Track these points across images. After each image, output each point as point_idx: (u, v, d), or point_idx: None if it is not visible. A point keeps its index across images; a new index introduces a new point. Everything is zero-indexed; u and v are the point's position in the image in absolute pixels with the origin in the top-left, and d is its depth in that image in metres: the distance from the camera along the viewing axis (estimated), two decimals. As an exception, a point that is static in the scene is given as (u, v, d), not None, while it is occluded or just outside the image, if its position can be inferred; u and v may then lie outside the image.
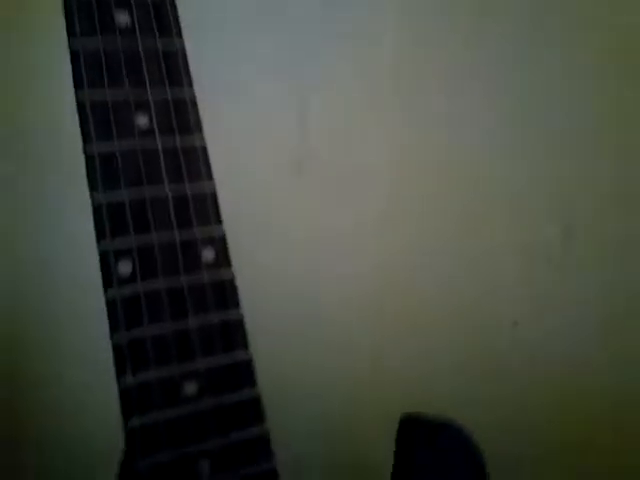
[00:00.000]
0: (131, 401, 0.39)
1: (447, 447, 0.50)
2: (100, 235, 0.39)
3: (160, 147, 0.40)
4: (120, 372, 0.39)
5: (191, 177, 0.41)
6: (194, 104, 0.42)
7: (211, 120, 0.43)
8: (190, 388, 0.41)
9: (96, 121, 0.39)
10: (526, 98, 0.75)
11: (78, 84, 0.39)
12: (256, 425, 0.42)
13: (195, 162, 0.41)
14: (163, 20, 0.42)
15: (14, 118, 0.65)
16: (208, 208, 0.41)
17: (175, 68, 0.42)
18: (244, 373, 0.42)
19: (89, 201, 0.39)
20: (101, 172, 0.39)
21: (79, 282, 0.62)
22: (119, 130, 0.40)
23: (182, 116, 0.41)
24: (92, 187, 0.40)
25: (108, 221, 0.39)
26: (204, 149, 0.41)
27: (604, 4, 0.75)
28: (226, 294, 0.42)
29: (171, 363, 0.40)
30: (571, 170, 0.76)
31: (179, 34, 0.42)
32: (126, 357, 0.39)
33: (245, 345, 0.43)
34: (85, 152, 0.39)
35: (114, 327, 0.39)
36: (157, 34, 0.41)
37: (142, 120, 0.40)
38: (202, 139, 0.42)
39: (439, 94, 0.73)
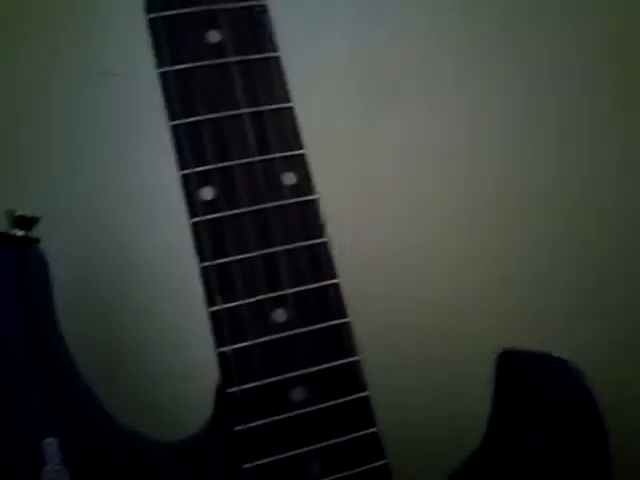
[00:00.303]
0: (223, 328, 0.39)
1: (551, 381, 0.47)
2: (182, 162, 0.39)
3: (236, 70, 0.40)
4: (210, 302, 0.39)
5: (269, 99, 0.40)
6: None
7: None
8: (280, 315, 0.40)
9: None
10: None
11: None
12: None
13: (271, 82, 0.40)
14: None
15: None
16: (288, 131, 0.40)
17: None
18: (333, 301, 0.42)
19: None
20: (179, 101, 0.39)
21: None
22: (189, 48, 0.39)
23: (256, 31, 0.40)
24: (172, 116, 0.40)
25: (189, 147, 0.39)
26: (278, 63, 0.40)
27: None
28: (310, 220, 0.40)
29: (259, 291, 0.40)
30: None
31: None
32: (215, 285, 0.39)
33: (333, 274, 0.42)
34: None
35: (202, 255, 0.39)
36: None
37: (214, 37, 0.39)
38: (275, 50, 0.41)
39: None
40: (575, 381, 0.45)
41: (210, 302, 0.39)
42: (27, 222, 0.44)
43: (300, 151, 0.41)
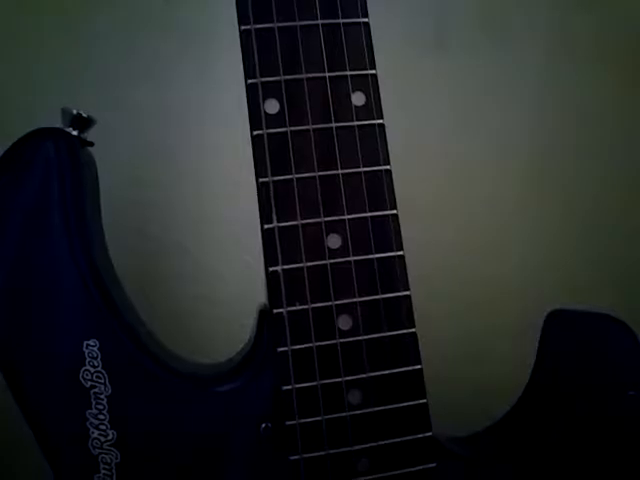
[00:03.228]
0: (275, 247, 0.38)
1: (601, 340, 0.46)
2: (249, 71, 0.37)
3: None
4: (266, 219, 0.38)
5: (345, 13, 0.38)
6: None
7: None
8: (334, 240, 0.39)
9: None
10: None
11: None
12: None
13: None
14: None
15: None
16: (361, 48, 0.38)
17: None
18: (390, 232, 0.40)
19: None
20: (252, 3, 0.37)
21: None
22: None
23: None
24: (242, 20, 0.37)
25: (257, 56, 0.37)
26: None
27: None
28: (374, 144, 0.39)
29: (317, 214, 0.38)
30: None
31: None
32: (272, 202, 0.38)
33: (393, 205, 0.40)
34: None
35: (261, 170, 0.38)
36: None
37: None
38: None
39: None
40: (625, 339, 0.44)
41: (265, 219, 0.38)
42: (83, 122, 0.43)
43: (372, 71, 0.39)
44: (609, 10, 0.70)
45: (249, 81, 0.37)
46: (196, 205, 0.66)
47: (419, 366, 0.40)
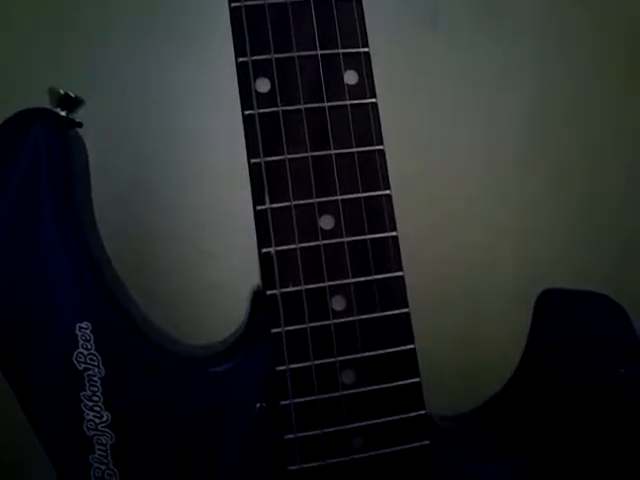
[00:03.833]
0: (268, 229, 0.37)
1: (593, 318, 0.46)
2: (239, 49, 0.37)
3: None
4: (259, 200, 0.38)
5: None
6: None
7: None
8: (327, 221, 0.38)
9: None
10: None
11: None
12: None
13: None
14: None
15: None
16: (354, 26, 0.37)
17: None
18: (384, 213, 0.40)
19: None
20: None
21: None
22: None
23: None
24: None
25: (247, 33, 0.36)
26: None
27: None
28: (367, 123, 0.38)
29: (310, 195, 0.38)
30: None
31: None
32: (264, 183, 0.37)
33: (387, 185, 0.40)
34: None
35: (252, 151, 0.37)
36: None
37: None
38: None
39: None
40: (616, 317, 0.44)
41: (257, 201, 0.38)
42: (71, 102, 0.42)
43: (364, 49, 0.38)
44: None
45: (239, 59, 0.37)
46: (192, 188, 0.66)
47: (412, 345, 0.40)
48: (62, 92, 0.42)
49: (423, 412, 0.40)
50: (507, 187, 0.71)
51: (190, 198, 0.65)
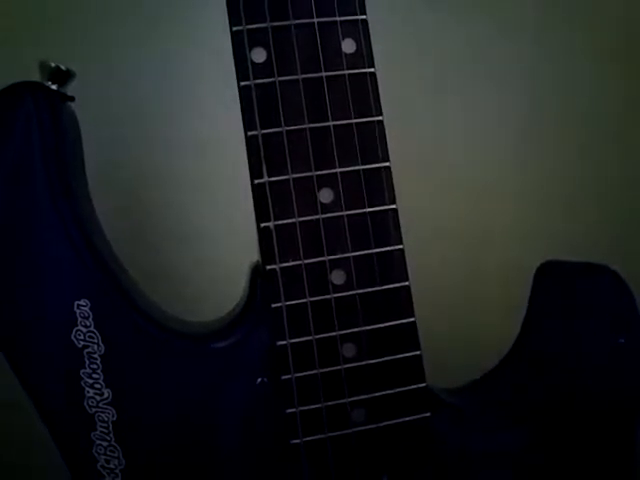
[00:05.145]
0: (267, 203, 0.37)
1: (592, 288, 0.46)
2: (233, 18, 0.36)
3: None
4: (256, 174, 0.37)
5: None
6: None
7: None
8: (326, 194, 0.38)
9: None
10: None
11: None
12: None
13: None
14: None
15: None
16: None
17: None
18: (383, 185, 0.39)
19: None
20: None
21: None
22: None
23: None
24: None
25: (243, 2, 0.35)
26: None
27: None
28: (365, 94, 0.37)
29: (308, 168, 0.37)
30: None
31: None
32: (261, 156, 0.37)
33: (386, 157, 0.39)
34: None
35: (249, 123, 0.36)
36: None
37: None
38: None
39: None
40: (616, 287, 0.44)
41: (255, 174, 0.37)
42: (62, 75, 0.41)
43: (362, 16, 0.37)
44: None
45: (234, 28, 0.36)
46: (192, 165, 0.65)
47: (412, 319, 0.39)
48: (53, 65, 0.41)
49: (424, 385, 0.40)
50: (507, 157, 0.70)
51: (191, 173, 0.65)
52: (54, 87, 0.40)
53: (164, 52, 0.63)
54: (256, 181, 0.37)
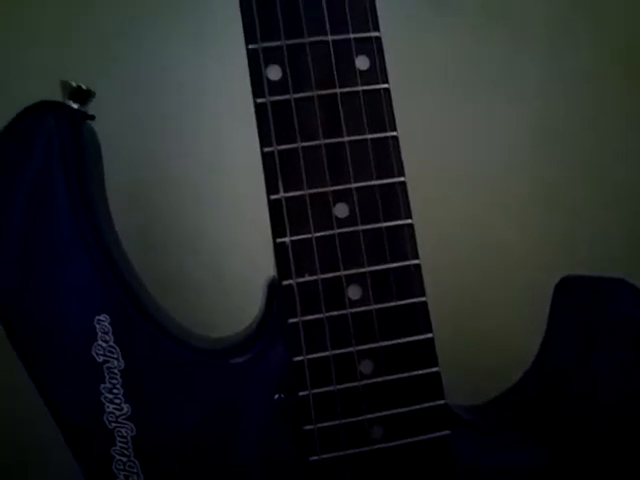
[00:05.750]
0: (282, 218, 0.37)
1: (617, 308, 0.45)
2: (249, 36, 0.36)
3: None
4: (272, 190, 0.37)
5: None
6: None
7: None
8: (341, 209, 0.38)
9: None
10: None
11: None
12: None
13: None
14: None
15: None
16: (364, 10, 0.37)
17: None
18: (398, 200, 0.39)
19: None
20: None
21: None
22: None
23: None
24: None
25: (257, 19, 0.36)
26: None
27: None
28: (380, 110, 0.37)
29: (324, 183, 0.37)
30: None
31: None
32: (278, 172, 0.37)
33: (401, 172, 0.39)
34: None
35: (265, 140, 0.37)
36: None
37: None
38: None
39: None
40: (635, 302, 0.43)
41: (271, 190, 0.37)
42: (82, 95, 0.42)
43: (376, 33, 0.37)
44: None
45: (250, 46, 0.36)
46: (204, 180, 0.66)
47: (430, 335, 0.39)
48: (74, 85, 0.42)
49: (442, 402, 0.40)
50: (525, 168, 0.69)
51: (204, 192, 0.65)
52: (75, 106, 0.41)
53: (182, 67, 0.64)
54: (272, 197, 0.37)
